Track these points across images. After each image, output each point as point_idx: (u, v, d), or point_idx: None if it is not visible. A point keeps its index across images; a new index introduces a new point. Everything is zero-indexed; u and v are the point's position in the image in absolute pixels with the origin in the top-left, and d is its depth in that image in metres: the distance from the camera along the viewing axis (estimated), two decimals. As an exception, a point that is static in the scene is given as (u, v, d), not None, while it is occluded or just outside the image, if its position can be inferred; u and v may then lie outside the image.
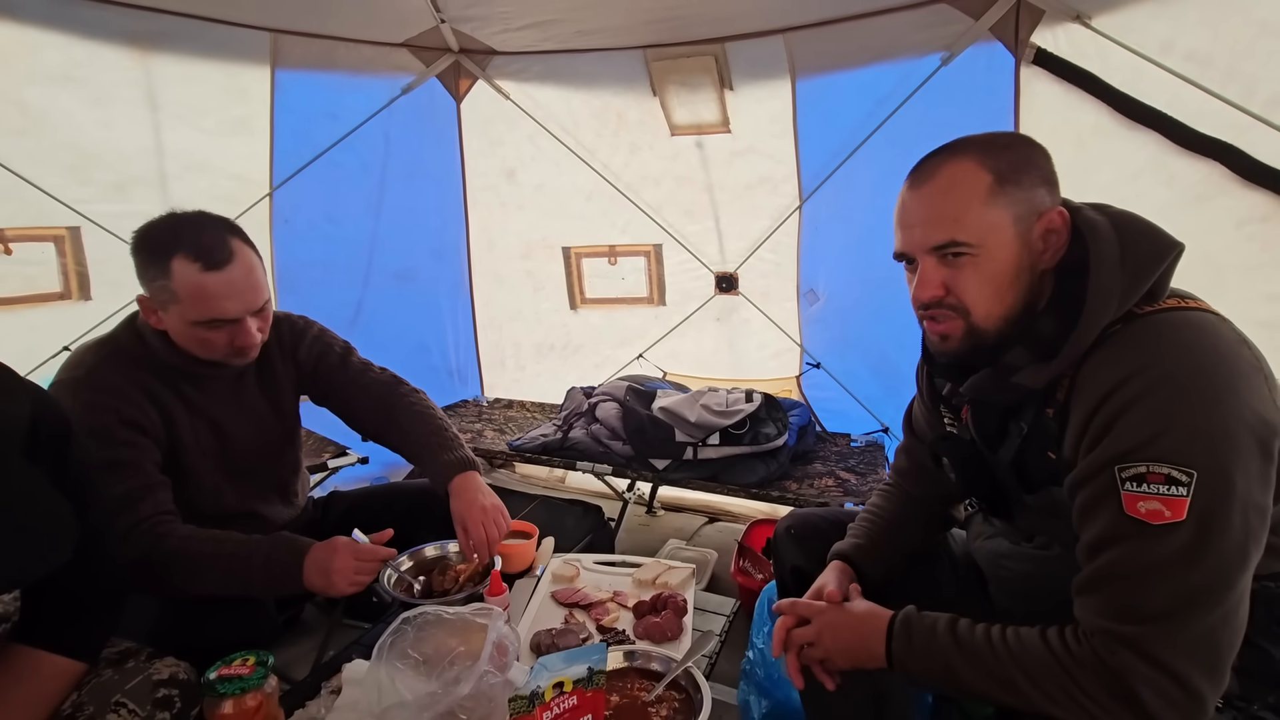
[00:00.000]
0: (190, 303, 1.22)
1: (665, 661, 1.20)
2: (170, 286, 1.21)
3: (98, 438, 1.19)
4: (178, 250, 1.20)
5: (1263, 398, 0.76)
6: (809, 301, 2.81)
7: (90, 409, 1.21)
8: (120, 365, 1.28)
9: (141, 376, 1.29)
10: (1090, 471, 0.81)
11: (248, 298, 1.27)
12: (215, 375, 1.39)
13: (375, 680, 1.03)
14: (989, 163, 0.88)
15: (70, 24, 2.11)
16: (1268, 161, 1.71)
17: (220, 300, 1.23)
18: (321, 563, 1.22)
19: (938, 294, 0.91)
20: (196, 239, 1.22)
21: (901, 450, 1.31)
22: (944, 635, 0.89)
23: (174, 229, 1.24)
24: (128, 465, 1.23)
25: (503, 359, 3.44)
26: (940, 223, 0.89)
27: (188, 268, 1.20)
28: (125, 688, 0.99)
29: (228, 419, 1.42)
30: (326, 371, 1.58)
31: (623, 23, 2.47)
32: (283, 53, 2.51)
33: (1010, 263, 0.88)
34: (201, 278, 1.21)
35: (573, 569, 1.64)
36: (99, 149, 2.27)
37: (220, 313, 1.24)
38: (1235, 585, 0.75)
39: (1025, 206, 0.88)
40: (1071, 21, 1.99)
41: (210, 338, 1.26)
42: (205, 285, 1.21)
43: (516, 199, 3.14)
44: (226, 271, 1.23)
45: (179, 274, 1.20)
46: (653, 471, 2.36)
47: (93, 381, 1.24)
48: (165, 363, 1.32)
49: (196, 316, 1.23)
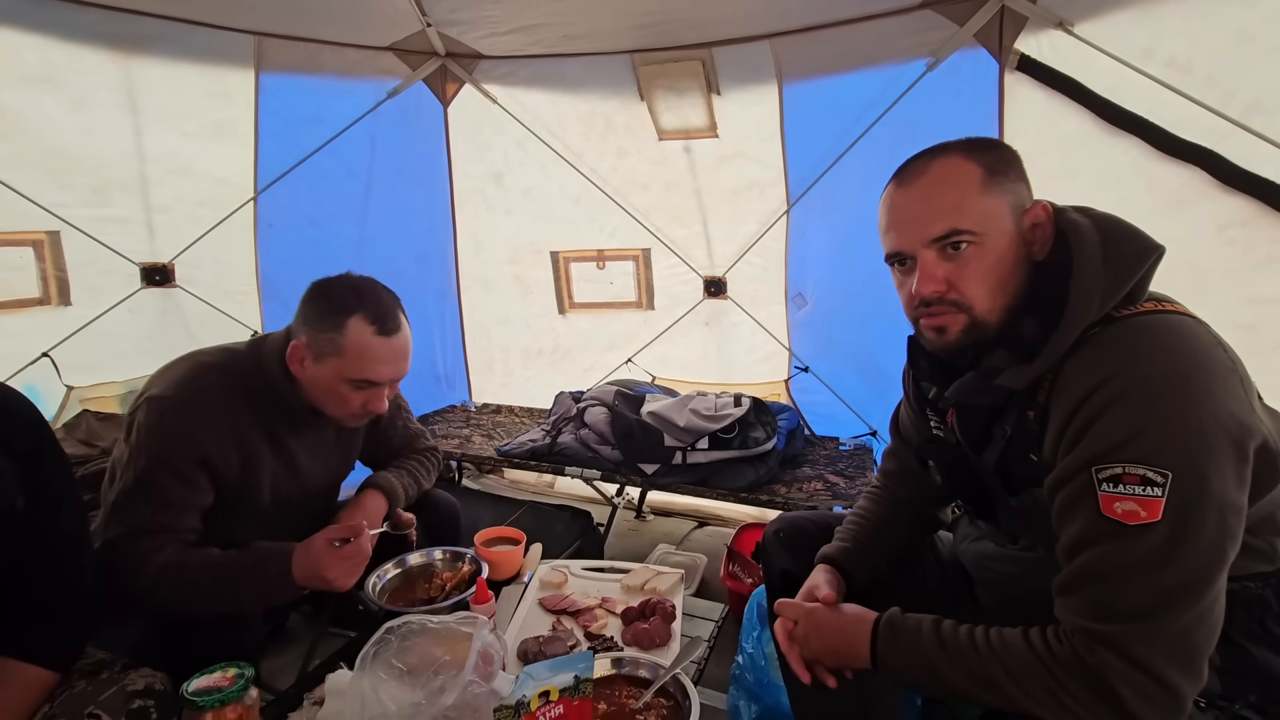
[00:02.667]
0: (353, 360, 1.27)
1: (653, 668, 1.19)
2: (339, 341, 1.26)
3: (168, 467, 1.22)
4: (359, 310, 1.27)
5: (1238, 400, 0.77)
6: (797, 305, 2.82)
7: (177, 439, 1.23)
8: (228, 401, 1.29)
9: (243, 413, 1.31)
10: (1068, 473, 0.82)
11: (400, 367, 1.34)
12: (313, 424, 1.41)
13: (359, 691, 1.02)
14: (976, 157, 0.91)
15: (49, 26, 2.08)
16: (1247, 167, 1.73)
17: (380, 364, 1.29)
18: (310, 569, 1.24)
19: (940, 289, 0.91)
20: (377, 304, 1.29)
21: (889, 453, 1.31)
22: (928, 636, 0.90)
23: (358, 290, 1.31)
24: (173, 505, 1.24)
25: (491, 364, 3.43)
26: (940, 214, 0.90)
27: (364, 329, 1.26)
28: (99, 699, 0.98)
29: (307, 465, 1.45)
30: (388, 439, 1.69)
31: (609, 27, 2.47)
32: (267, 56, 2.49)
33: (1010, 251, 0.90)
34: (373, 340, 1.27)
35: (561, 575, 1.63)
36: (79, 153, 2.24)
37: (376, 375, 1.30)
38: (1211, 584, 0.76)
39: (1014, 198, 0.91)
40: (1054, 28, 2.02)
41: (350, 396, 1.31)
42: (373, 348, 1.27)
43: (504, 203, 3.12)
44: (394, 339, 1.30)
45: (353, 332, 1.26)
46: (641, 476, 2.35)
47: (194, 413, 1.25)
48: (275, 401, 1.34)
49: (353, 374, 1.28)
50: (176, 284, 2.51)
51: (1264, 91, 1.68)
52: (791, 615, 1.06)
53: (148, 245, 2.45)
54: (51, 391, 2.28)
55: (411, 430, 1.74)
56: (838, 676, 1.02)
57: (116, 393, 2.43)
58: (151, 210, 2.43)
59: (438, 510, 1.70)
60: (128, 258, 2.40)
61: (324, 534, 1.29)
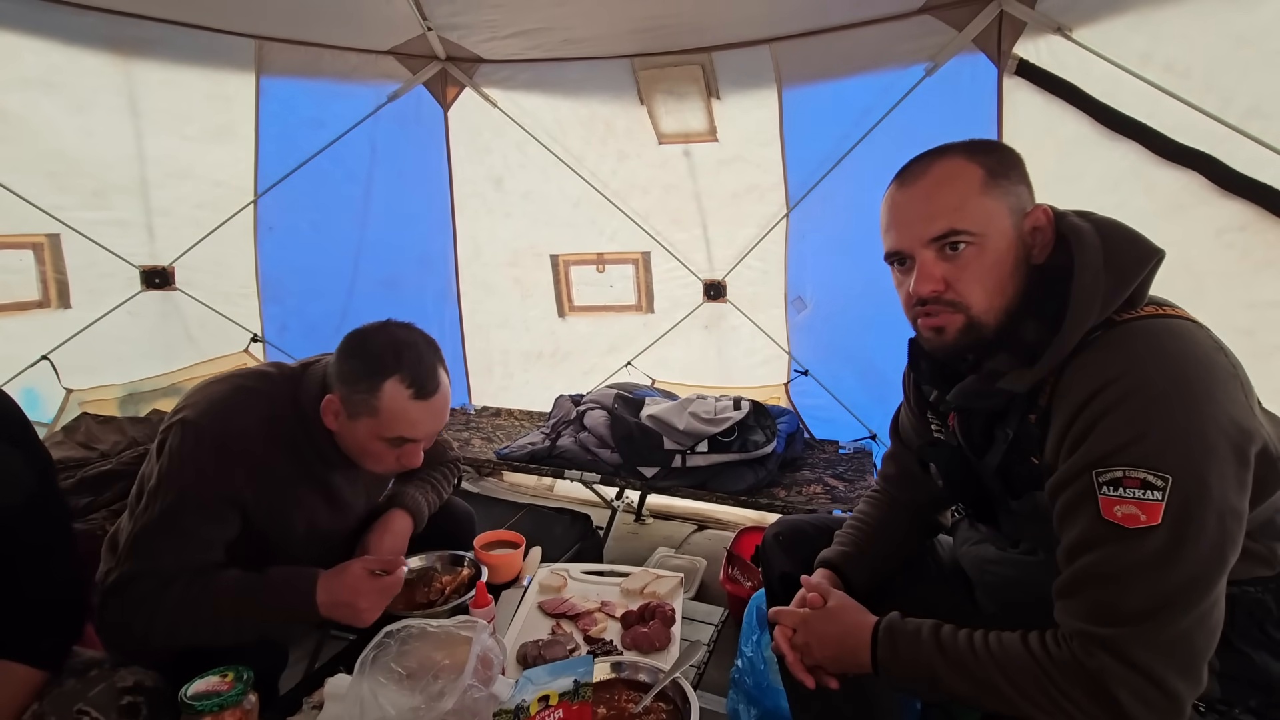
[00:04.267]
0: (388, 423, 1.22)
1: (653, 672, 1.19)
2: (374, 403, 1.20)
3: (199, 501, 1.16)
4: (397, 372, 1.21)
5: (1239, 404, 0.77)
6: (796, 309, 2.82)
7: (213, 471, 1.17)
8: (269, 436, 1.23)
9: (282, 453, 1.25)
10: (1069, 476, 0.82)
11: (437, 424, 1.29)
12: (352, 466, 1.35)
13: (358, 695, 1.02)
14: (978, 159, 0.91)
15: (50, 29, 2.08)
16: (1245, 171, 1.74)
17: (415, 426, 1.24)
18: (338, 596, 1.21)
19: (937, 288, 0.91)
20: (416, 366, 1.22)
21: (889, 457, 1.31)
22: (927, 641, 0.90)
23: (396, 350, 1.23)
24: (197, 540, 1.18)
25: (490, 367, 3.43)
26: (940, 213, 0.90)
27: (400, 392, 1.21)
28: (88, 695, 0.98)
29: (344, 496, 1.41)
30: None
31: (609, 32, 2.48)
32: (268, 60, 2.50)
33: (1009, 253, 0.90)
34: (409, 405, 1.21)
35: (560, 579, 1.63)
36: (79, 156, 2.24)
37: (411, 434, 1.25)
38: (1211, 588, 0.76)
39: (1015, 200, 0.91)
40: (1053, 33, 2.03)
41: (384, 453, 1.26)
42: (409, 412, 1.22)
43: (504, 206, 3.13)
44: (431, 402, 1.24)
45: (389, 395, 1.20)
46: (641, 479, 2.35)
47: (235, 446, 1.19)
48: (314, 445, 1.29)
49: (388, 434, 1.23)
50: (176, 287, 2.52)
51: (1262, 96, 1.68)
52: (789, 622, 1.06)
53: (147, 248, 2.46)
54: (51, 394, 2.28)
55: (439, 441, 1.69)
56: (838, 679, 1.02)
57: (116, 395, 2.43)
58: (151, 213, 2.44)
59: (455, 518, 1.69)
60: (127, 260, 2.41)
61: (361, 563, 1.26)
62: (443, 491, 1.65)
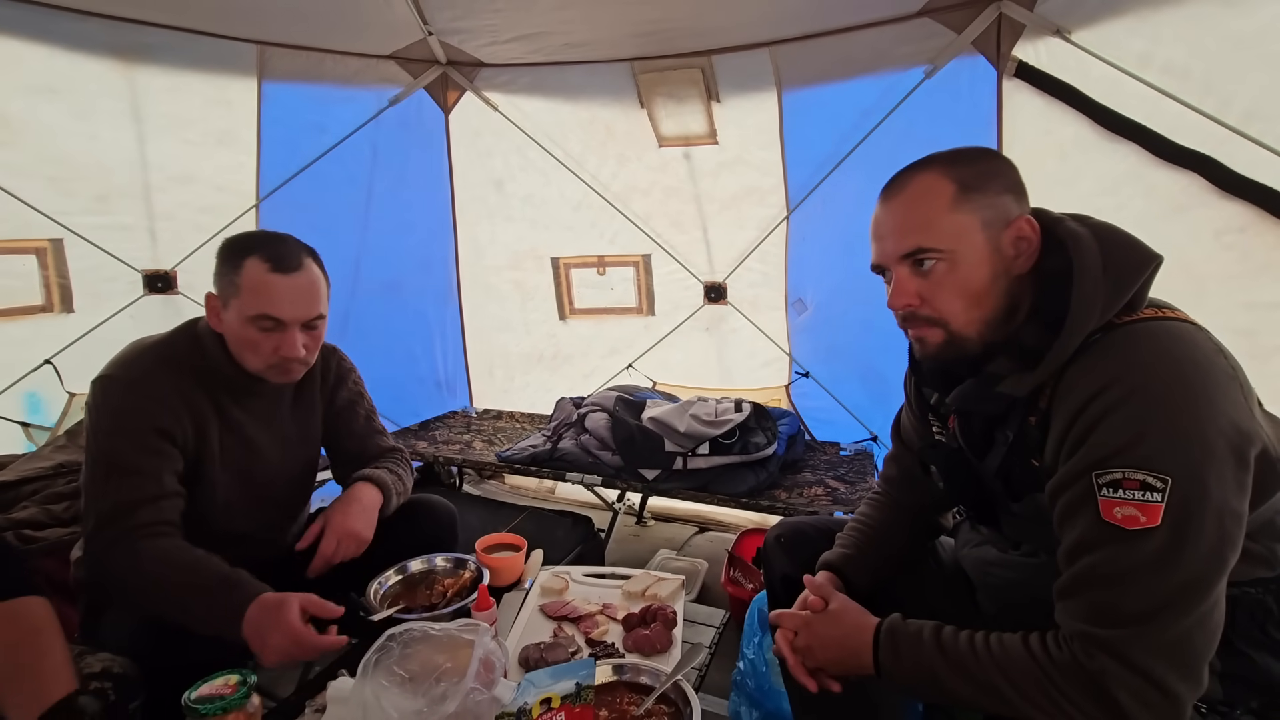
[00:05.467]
0: (249, 297, 1.28)
1: (654, 675, 1.19)
2: (237, 280, 1.29)
3: (129, 439, 1.25)
4: (254, 252, 1.30)
5: (1239, 406, 0.77)
6: (797, 311, 2.83)
7: (130, 413, 1.26)
8: (170, 371, 1.32)
9: (187, 384, 1.33)
10: (1069, 478, 0.82)
11: (300, 306, 1.33)
12: (258, 392, 1.43)
13: (360, 698, 1.02)
14: (953, 173, 0.92)
15: (53, 36, 2.09)
16: (1245, 173, 1.74)
17: (278, 300, 1.30)
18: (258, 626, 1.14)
19: (911, 303, 0.93)
20: (275, 246, 1.32)
21: (890, 459, 1.31)
22: (929, 642, 0.90)
23: (256, 236, 1.37)
24: (144, 473, 1.25)
25: (491, 369, 3.43)
26: (909, 231, 0.92)
27: (258, 266, 1.29)
28: None
29: (259, 438, 1.45)
30: (346, 422, 1.65)
31: (610, 35, 2.48)
32: (269, 65, 2.51)
33: (982, 267, 0.90)
34: (267, 275, 1.29)
35: (562, 581, 1.63)
36: (82, 160, 2.25)
37: (275, 310, 1.30)
38: (1211, 589, 0.76)
39: (992, 213, 0.91)
40: (1052, 36, 2.03)
41: (259, 340, 1.31)
42: (268, 283, 1.29)
43: (505, 210, 3.14)
44: (291, 277, 1.31)
45: (249, 270, 1.29)
46: (642, 482, 2.35)
47: (142, 386, 1.29)
48: (215, 371, 1.36)
49: (252, 311, 1.29)
50: (179, 291, 2.52)
51: (1261, 98, 1.68)
52: (791, 626, 1.06)
53: (150, 252, 2.47)
54: (54, 398, 2.29)
55: (375, 425, 1.71)
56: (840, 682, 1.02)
57: (118, 399, 2.43)
58: (154, 218, 2.44)
59: (435, 515, 1.70)
60: (130, 265, 2.42)
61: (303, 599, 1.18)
62: (404, 478, 1.65)
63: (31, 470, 1.89)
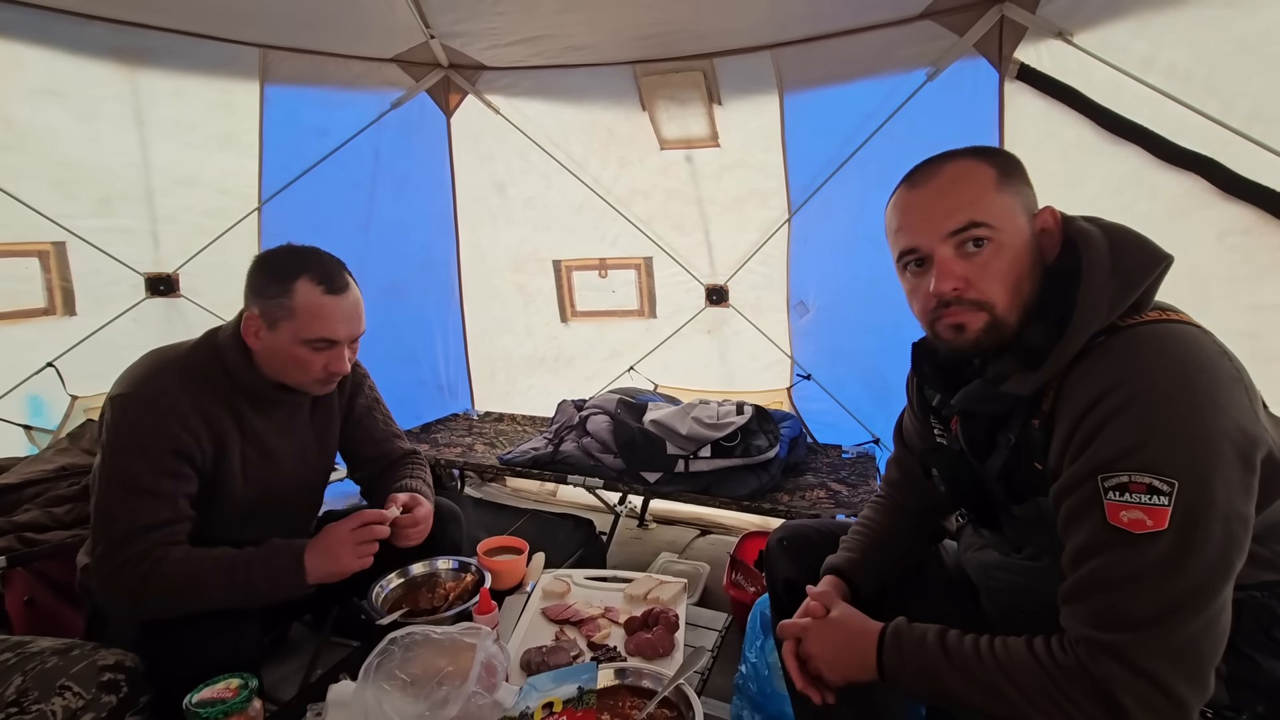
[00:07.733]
0: (305, 320, 1.29)
1: (657, 679, 1.19)
2: (289, 304, 1.28)
3: (146, 460, 1.23)
4: (304, 273, 1.30)
5: (1244, 408, 0.77)
6: (799, 313, 2.82)
7: (150, 431, 1.25)
8: (190, 388, 1.31)
9: (207, 400, 1.32)
10: (1074, 481, 0.81)
11: (354, 324, 1.36)
12: (280, 402, 1.43)
13: (362, 702, 1.02)
14: (988, 159, 0.93)
15: (56, 39, 2.10)
16: (1248, 175, 1.73)
17: (333, 322, 1.32)
18: (321, 549, 1.29)
19: (959, 285, 0.90)
20: (320, 265, 1.33)
21: (893, 461, 1.31)
22: (933, 646, 0.90)
23: (299, 255, 1.34)
24: (160, 496, 1.25)
25: (493, 372, 3.43)
26: (958, 207, 0.90)
27: (311, 289, 1.29)
28: (70, 672, 1.01)
29: (279, 448, 1.45)
30: (367, 429, 1.67)
31: (611, 38, 2.49)
32: (272, 68, 2.51)
33: (1026, 251, 0.90)
34: (322, 299, 1.30)
35: (563, 585, 1.63)
36: (85, 164, 2.26)
37: (331, 333, 1.32)
38: (1217, 593, 0.75)
39: (1027, 201, 0.92)
40: (1054, 38, 2.03)
41: (310, 359, 1.32)
42: (324, 306, 1.30)
43: (507, 212, 3.14)
44: (343, 297, 1.33)
45: (301, 293, 1.29)
46: (644, 484, 2.35)
47: (161, 405, 1.27)
48: (237, 382, 1.36)
49: (308, 335, 1.30)
50: (181, 294, 2.53)
51: (1264, 100, 1.68)
52: (794, 633, 1.05)
53: (152, 255, 2.47)
54: (56, 401, 2.29)
55: (394, 429, 1.74)
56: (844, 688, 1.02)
57: (120, 402, 2.44)
58: (157, 221, 2.45)
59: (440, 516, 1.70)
60: (133, 268, 2.42)
61: (347, 521, 1.33)
62: (427, 481, 1.67)
63: (34, 473, 1.89)
